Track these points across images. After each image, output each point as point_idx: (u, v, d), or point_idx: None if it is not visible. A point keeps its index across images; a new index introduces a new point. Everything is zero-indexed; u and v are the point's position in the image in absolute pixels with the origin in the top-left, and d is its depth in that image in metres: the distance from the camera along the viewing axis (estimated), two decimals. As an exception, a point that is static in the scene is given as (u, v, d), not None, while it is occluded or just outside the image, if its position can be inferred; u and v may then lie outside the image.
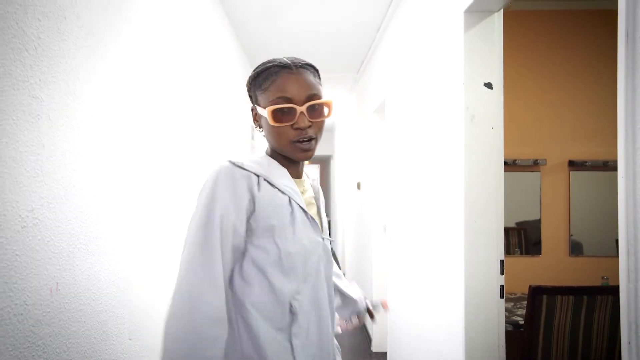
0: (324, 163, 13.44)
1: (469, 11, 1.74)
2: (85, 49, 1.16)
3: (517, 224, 3.21)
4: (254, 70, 1.05)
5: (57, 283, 1.04)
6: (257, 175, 0.98)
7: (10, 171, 0.87)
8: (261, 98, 1.02)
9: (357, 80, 5.10)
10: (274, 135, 1.01)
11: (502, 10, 1.75)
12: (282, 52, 1.01)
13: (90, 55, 1.19)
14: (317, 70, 1.08)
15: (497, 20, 1.76)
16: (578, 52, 3.02)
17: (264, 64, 1.04)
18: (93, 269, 1.22)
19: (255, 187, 0.96)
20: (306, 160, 1.05)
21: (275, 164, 1.04)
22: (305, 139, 1.00)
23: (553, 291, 2.00)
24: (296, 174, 1.09)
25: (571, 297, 1.99)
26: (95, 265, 1.23)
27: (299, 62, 1.03)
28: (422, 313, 2.40)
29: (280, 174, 1.02)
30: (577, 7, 3.03)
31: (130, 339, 1.48)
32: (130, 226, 1.47)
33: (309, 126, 0.99)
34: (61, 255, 1.06)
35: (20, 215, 0.91)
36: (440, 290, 2.06)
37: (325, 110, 1.03)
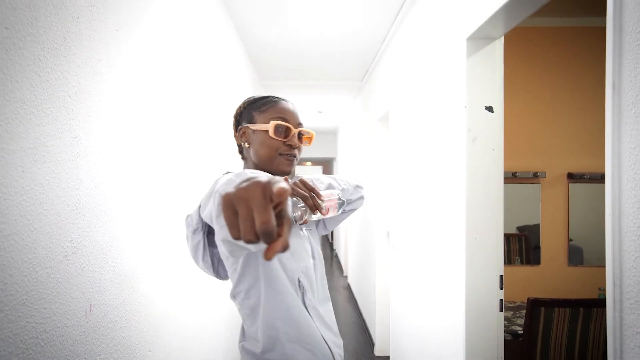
0: (327, 164, 13.52)
1: (472, 38, 1.82)
2: (114, 83, 1.25)
3: (518, 228, 3.29)
4: (252, 97, 1.26)
5: (91, 305, 1.13)
6: None
7: (54, 207, 0.96)
8: (259, 117, 1.19)
9: (361, 88, 5.18)
10: (267, 146, 1.17)
11: (502, 37, 1.83)
12: (288, 60, 1.12)
13: (120, 92, 1.28)
14: None
15: (497, 47, 1.83)
16: (577, 68, 3.10)
17: (262, 95, 1.26)
18: (119, 288, 1.31)
19: None
20: (286, 174, 1.19)
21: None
22: (291, 155, 1.19)
23: (551, 303, 2.08)
24: None
25: (568, 309, 2.07)
26: (121, 285, 1.32)
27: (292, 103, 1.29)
28: (424, 319, 2.49)
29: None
30: (576, 23, 3.11)
31: (150, 351, 1.57)
32: (152, 249, 1.56)
33: (297, 146, 1.20)
34: (94, 278, 1.15)
35: (62, 246, 1.00)
36: (441, 299, 2.15)
37: (306, 141, 1.26)
